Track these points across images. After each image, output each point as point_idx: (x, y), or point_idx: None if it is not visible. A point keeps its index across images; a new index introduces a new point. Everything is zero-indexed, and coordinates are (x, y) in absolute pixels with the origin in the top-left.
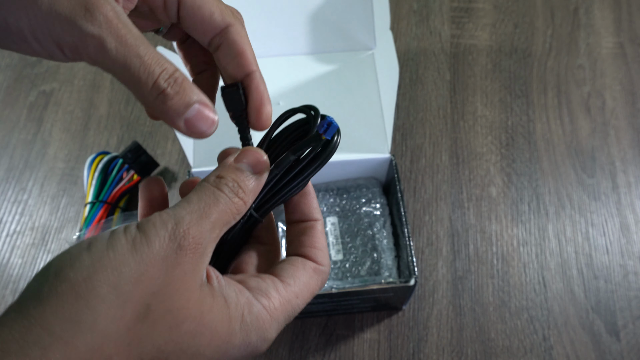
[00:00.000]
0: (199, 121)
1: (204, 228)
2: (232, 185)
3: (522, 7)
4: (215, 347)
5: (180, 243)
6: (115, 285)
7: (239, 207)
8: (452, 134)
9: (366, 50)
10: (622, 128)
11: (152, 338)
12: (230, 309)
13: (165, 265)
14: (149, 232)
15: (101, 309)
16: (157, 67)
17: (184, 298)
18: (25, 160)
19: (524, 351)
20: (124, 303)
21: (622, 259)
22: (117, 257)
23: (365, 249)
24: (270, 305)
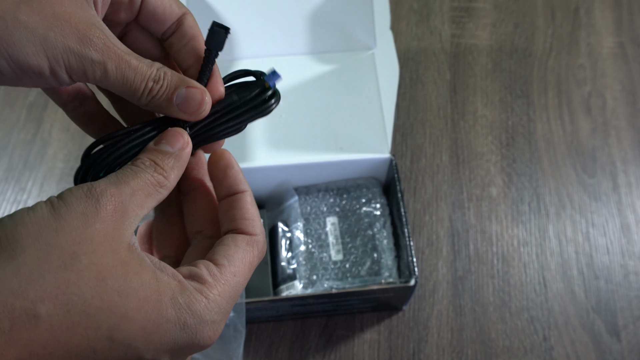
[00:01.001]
0: (189, 102)
1: (122, 190)
2: (149, 163)
3: (523, 7)
4: (145, 314)
5: (98, 199)
6: (37, 237)
7: (159, 179)
8: (453, 134)
9: (366, 50)
10: (622, 128)
11: (79, 287)
12: (160, 283)
13: (84, 219)
14: (65, 196)
15: (24, 256)
16: (147, 72)
17: (109, 254)
18: (24, 161)
19: (525, 351)
20: (48, 250)
21: (622, 259)
22: (37, 215)
23: (366, 249)
24: (204, 289)
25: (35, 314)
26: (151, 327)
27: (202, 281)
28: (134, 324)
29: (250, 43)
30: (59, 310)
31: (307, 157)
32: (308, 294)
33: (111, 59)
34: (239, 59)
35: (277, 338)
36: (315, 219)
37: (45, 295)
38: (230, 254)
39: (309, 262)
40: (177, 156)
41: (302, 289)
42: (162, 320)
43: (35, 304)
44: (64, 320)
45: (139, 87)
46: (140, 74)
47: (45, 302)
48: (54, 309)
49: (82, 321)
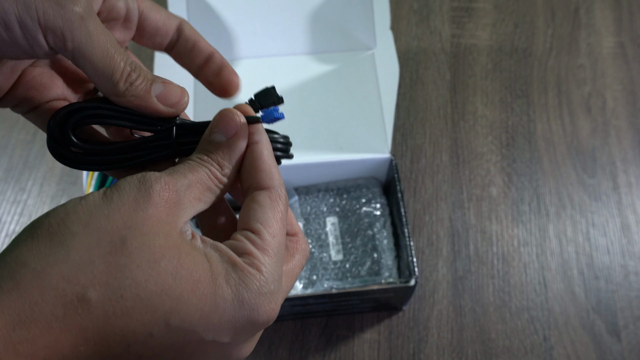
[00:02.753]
0: (168, 93)
1: (177, 180)
2: (206, 158)
3: (523, 7)
4: (200, 295)
5: (151, 185)
6: (87, 222)
7: (216, 174)
8: (453, 134)
9: (366, 50)
10: (622, 128)
11: (130, 270)
12: (212, 264)
13: (136, 204)
14: (119, 183)
15: (74, 242)
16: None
17: (161, 237)
18: (24, 160)
19: (525, 351)
20: (98, 236)
21: (623, 259)
22: (88, 203)
23: (366, 249)
24: (254, 261)
25: (86, 299)
26: (208, 308)
27: (249, 253)
28: (191, 307)
29: (250, 43)
30: (112, 295)
31: (307, 157)
32: (308, 294)
33: (92, 19)
34: (239, 59)
35: (277, 338)
36: (315, 219)
37: (96, 280)
38: (260, 215)
39: (309, 262)
40: (231, 146)
41: (302, 289)
42: (218, 299)
43: (86, 289)
44: (118, 305)
45: (118, 66)
46: (120, 54)
47: (97, 287)
48: (105, 293)
49: (137, 306)
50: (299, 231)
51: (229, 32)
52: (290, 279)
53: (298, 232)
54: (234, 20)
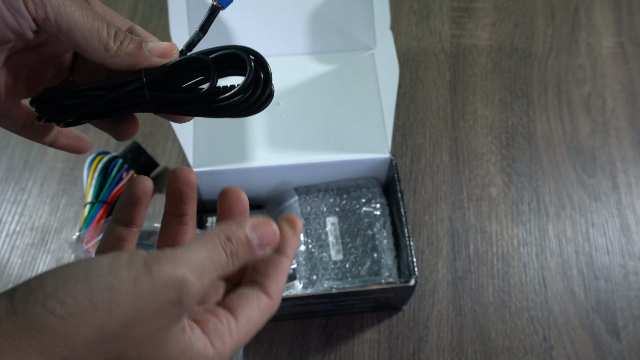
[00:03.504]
0: (160, 46)
1: (204, 284)
2: (235, 254)
3: (523, 7)
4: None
5: (182, 300)
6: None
7: (229, 268)
8: (452, 134)
9: (366, 50)
10: (622, 128)
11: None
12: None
13: (157, 316)
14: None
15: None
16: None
17: (161, 346)
18: (24, 160)
19: (524, 351)
20: (97, 350)
21: (622, 259)
22: (114, 296)
23: (365, 249)
24: (223, 349)
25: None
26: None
27: (224, 341)
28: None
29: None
30: None
31: (307, 157)
32: (308, 294)
33: None
34: None
35: (277, 338)
36: (315, 219)
37: None
38: (251, 314)
39: (309, 262)
40: (256, 253)
41: (302, 289)
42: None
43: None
44: None
45: (103, 28)
46: (103, 18)
47: None
48: None
49: None
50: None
51: (229, 32)
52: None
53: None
54: (234, 20)
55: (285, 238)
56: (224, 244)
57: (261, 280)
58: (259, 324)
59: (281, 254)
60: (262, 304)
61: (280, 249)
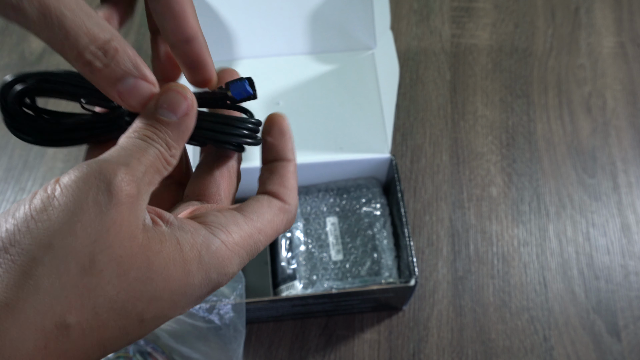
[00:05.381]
0: (133, 95)
1: (135, 169)
2: (156, 138)
3: (523, 7)
4: (172, 290)
5: (110, 181)
6: (48, 244)
7: (165, 156)
8: (453, 134)
9: (366, 50)
10: (623, 128)
11: (102, 288)
12: (184, 251)
13: (98, 209)
14: (71, 181)
15: (40, 270)
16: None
17: (126, 243)
18: (24, 160)
19: (525, 352)
20: (65, 259)
21: (623, 259)
22: (41, 215)
23: (366, 249)
24: (229, 240)
25: (66, 325)
26: (179, 297)
27: (228, 230)
28: (162, 302)
29: (250, 43)
30: (87, 315)
31: (307, 157)
32: (308, 294)
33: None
34: (239, 59)
35: (277, 338)
36: (315, 219)
37: (71, 305)
38: (262, 212)
39: (309, 262)
40: (181, 126)
41: (302, 289)
42: (188, 287)
43: (64, 316)
44: (94, 322)
45: (70, 54)
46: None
47: (73, 311)
48: (81, 315)
49: (111, 317)
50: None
51: (229, 32)
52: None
53: (291, 201)
54: (234, 20)
55: (276, 143)
56: (135, 132)
57: (267, 189)
58: (274, 224)
59: (279, 159)
60: (274, 205)
61: (276, 154)
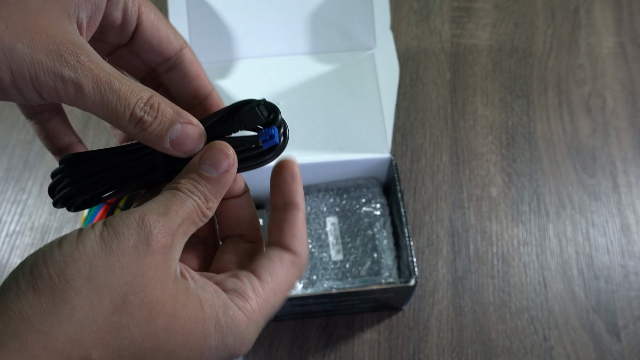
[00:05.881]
0: (185, 141)
1: (172, 221)
2: (195, 192)
3: (523, 7)
4: (190, 348)
5: (150, 231)
6: (89, 276)
7: (203, 209)
8: (453, 134)
9: (366, 50)
10: (622, 128)
11: (129, 331)
12: (204, 309)
13: (136, 254)
14: (116, 225)
15: (77, 300)
16: (133, 98)
17: (158, 290)
18: (24, 161)
19: (525, 351)
20: (100, 293)
21: (622, 259)
22: (87, 250)
23: (366, 249)
24: (247, 307)
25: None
26: (195, 356)
27: (246, 297)
28: (179, 358)
29: (250, 43)
30: (111, 355)
31: (307, 157)
32: (308, 294)
33: (87, 78)
34: (239, 59)
35: (277, 338)
36: (315, 219)
37: (99, 341)
38: (276, 271)
39: (309, 262)
40: (221, 182)
41: (302, 289)
42: (205, 348)
43: (90, 350)
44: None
45: (123, 113)
46: (123, 98)
47: (99, 348)
48: (105, 354)
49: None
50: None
51: (229, 32)
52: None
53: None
54: (234, 20)
55: (286, 187)
56: (177, 187)
57: (278, 240)
58: (287, 282)
59: (288, 207)
60: (286, 260)
61: (286, 201)
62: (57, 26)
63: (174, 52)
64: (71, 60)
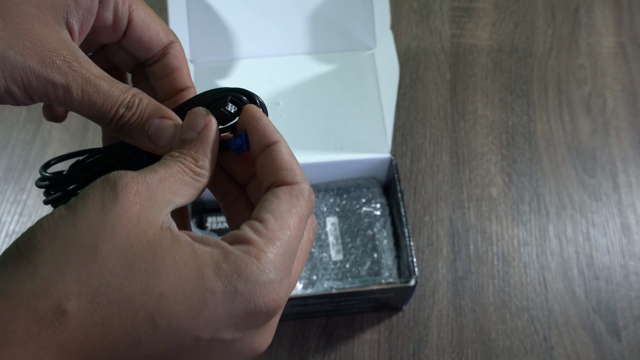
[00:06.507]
0: (161, 133)
1: (146, 175)
2: (177, 154)
3: (523, 7)
4: (186, 292)
5: (115, 183)
6: (53, 237)
7: (191, 167)
8: (453, 134)
9: (366, 50)
10: (623, 128)
11: (103, 277)
12: (199, 256)
13: (102, 206)
14: (82, 191)
15: (41, 258)
16: (118, 98)
17: (132, 237)
18: (24, 160)
19: (525, 352)
20: (66, 248)
21: (623, 259)
22: (54, 217)
23: (366, 249)
24: (252, 250)
25: (61, 311)
26: (196, 304)
27: (247, 241)
28: (177, 305)
29: (250, 43)
30: (87, 305)
31: (307, 157)
32: (308, 294)
33: (76, 82)
34: (239, 59)
35: (277, 338)
36: (315, 219)
37: (69, 291)
38: (273, 207)
39: (309, 262)
40: (202, 139)
41: (302, 289)
42: (207, 294)
43: (60, 301)
44: (96, 314)
45: (108, 112)
46: (110, 99)
47: (71, 298)
48: (80, 304)
49: (116, 312)
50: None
51: (229, 32)
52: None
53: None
54: (234, 20)
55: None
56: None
57: (268, 181)
58: (293, 213)
59: (266, 146)
60: (282, 193)
61: (260, 142)
62: (50, 33)
63: (162, 46)
64: (63, 66)
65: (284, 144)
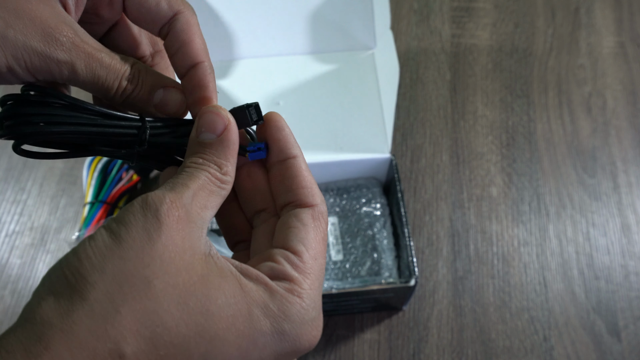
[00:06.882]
0: (167, 103)
1: (181, 193)
2: (201, 161)
3: (523, 7)
4: (237, 333)
5: (157, 209)
6: (102, 269)
7: (217, 175)
8: (453, 134)
9: (366, 50)
10: (623, 128)
11: (159, 316)
12: (246, 292)
13: (148, 236)
14: (121, 215)
15: (94, 294)
16: (120, 70)
17: (183, 272)
18: (24, 160)
19: (525, 352)
20: (118, 282)
21: (623, 260)
22: (98, 245)
23: (366, 249)
24: (295, 288)
25: (120, 354)
26: (246, 344)
27: (289, 278)
28: (228, 346)
29: (250, 43)
30: (145, 346)
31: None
32: None
33: (80, 57)
34: (239, 59)
35: None
36: None
37: (126, 331)
38: (302, 236)
39: None
40: (224, 142)
41: None
42: (256, 334)
43: (119, 343)
44: (153, 356)
45: (112, 85)
46: (113, 72)
47: (128, 339)
48: (138, 345)
49: (171, 353)
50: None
51: (229, 32)
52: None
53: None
54: (234, 20)
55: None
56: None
57: (289, 198)
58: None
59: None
60: (307, 218)
61: (280, 153)
62: (48, 9)
63: (167, 18)
64: (66, 42)
65: (302, 159)
